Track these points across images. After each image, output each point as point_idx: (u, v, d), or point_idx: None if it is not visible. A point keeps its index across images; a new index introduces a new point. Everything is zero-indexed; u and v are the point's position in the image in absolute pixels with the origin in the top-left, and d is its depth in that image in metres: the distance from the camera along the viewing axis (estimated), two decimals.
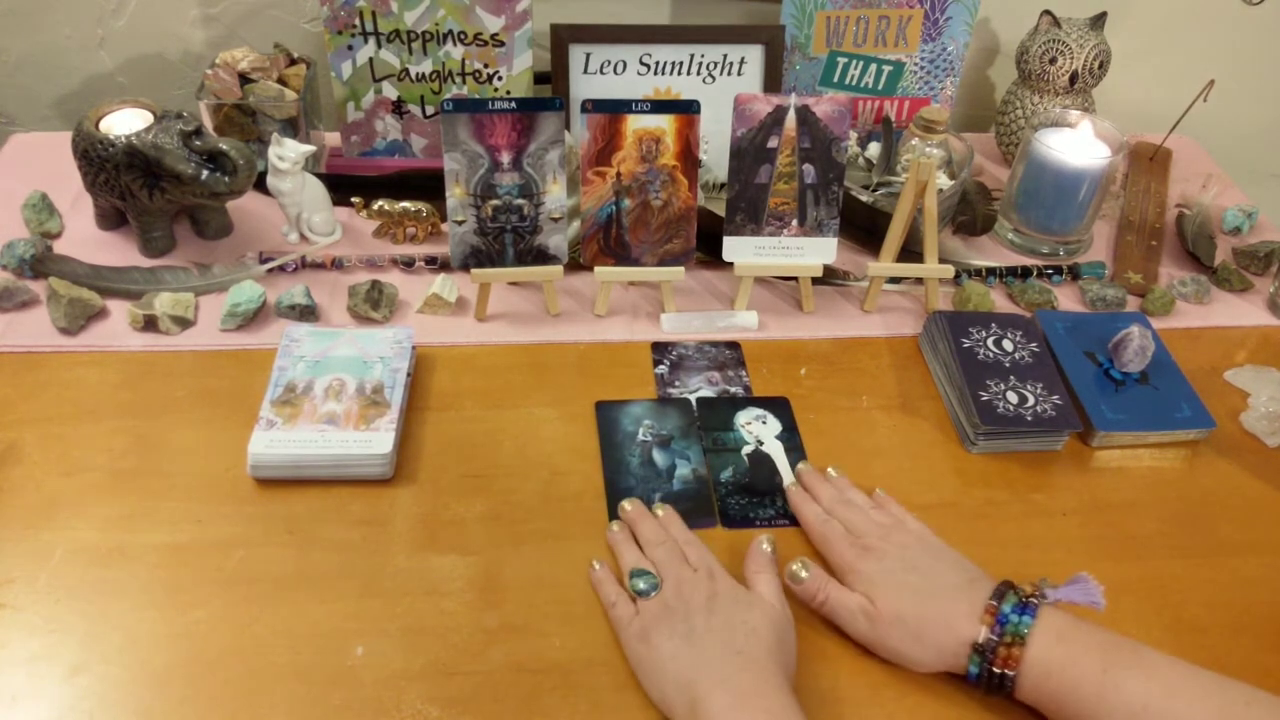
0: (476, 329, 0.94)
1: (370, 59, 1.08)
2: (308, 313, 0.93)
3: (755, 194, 0.93)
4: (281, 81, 1.09)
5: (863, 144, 1.15)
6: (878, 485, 0.82)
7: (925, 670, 0.65)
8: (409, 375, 0.86)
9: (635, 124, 0.90)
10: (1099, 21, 1.14)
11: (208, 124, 1.06)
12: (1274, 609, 0.74)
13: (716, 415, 0.87)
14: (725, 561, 0.75)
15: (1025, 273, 1.04)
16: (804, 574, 0.69)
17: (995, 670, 0.61)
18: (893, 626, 0.65)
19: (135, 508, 0.76)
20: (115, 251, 1.00)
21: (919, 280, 1.01)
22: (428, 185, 1.02)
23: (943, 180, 1.05)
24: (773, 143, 0.91)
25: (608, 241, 0.95)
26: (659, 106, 0.90)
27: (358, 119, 1.12)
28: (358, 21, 1.05)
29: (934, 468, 0.84)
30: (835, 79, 1.17)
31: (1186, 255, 1.10)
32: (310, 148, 0.97)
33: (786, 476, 0.82)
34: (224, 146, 0.91)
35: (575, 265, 0.99)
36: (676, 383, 0.90)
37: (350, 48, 1.07)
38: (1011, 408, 0.85)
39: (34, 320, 0.91)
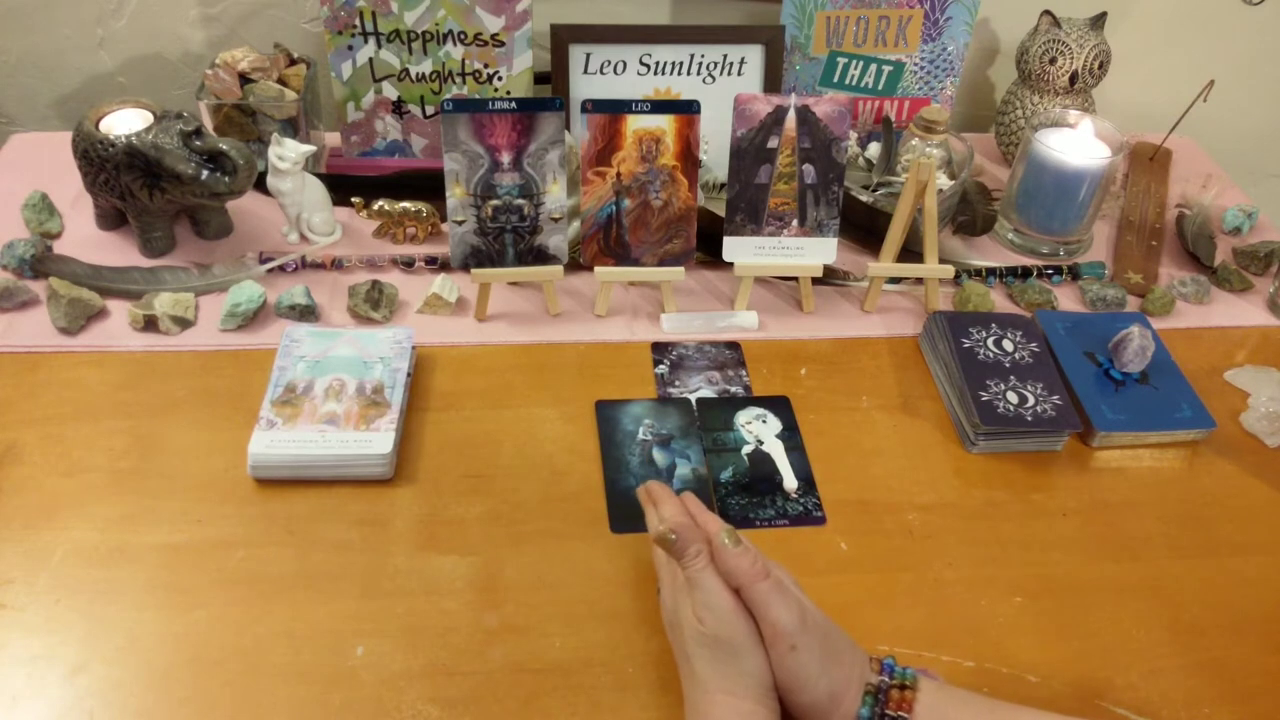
0: (476, 329, 0.94)
1: (370, 59, 1.08)
2: (308, 313, 0.93)
3: (755, 194, 0.93)
4: (281, 81, 1.09)
5: (863, 144, 1.15)
6: (878, 485, 0.82)
7: (809, 701, 0.59)
8: (409, 375, 0.86)
9: (635, 124, 0.90)
10: (1099, 21, 1.14)
11: (208, 124, 1.06)
12: (1274, 609, 0.74)
13: (717, 415, 0.87)
14: None
15: (1025, 273, 1.04)
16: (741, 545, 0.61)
17: (889, 713, 0.57)
18: (816, 637, 0.59)
19: (135, 508, 0.76)
20: (115, 251, 1.00)
21: (919, 280, 1.01)
22: (428, 185, 1.02)
23: (943, 180, 1.05)
24: (773, 143, 0.91)
25: (608, 241, 0.95)
26: (659, 106, 0.90)
27: (358, 119, 1.12)
28: (358, 21, 1.05)
29: (934, 468, 0.84)
30: (835, 79, 1.17)
31: (1186, 255, 1.10)
32: (310, 148, 0.97)
33: (787, 476, 0.82)
34: (224, 146, 0.91)
35: (575, 265, 0.99)
36: (677, 382, 0.90)
37: (350, 48, 1.07)
38: (1011, 408, 0.85)
39: (34, 320, 0.91)
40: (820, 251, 0.95)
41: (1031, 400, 0.86)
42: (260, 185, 0.99)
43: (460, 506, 0.78)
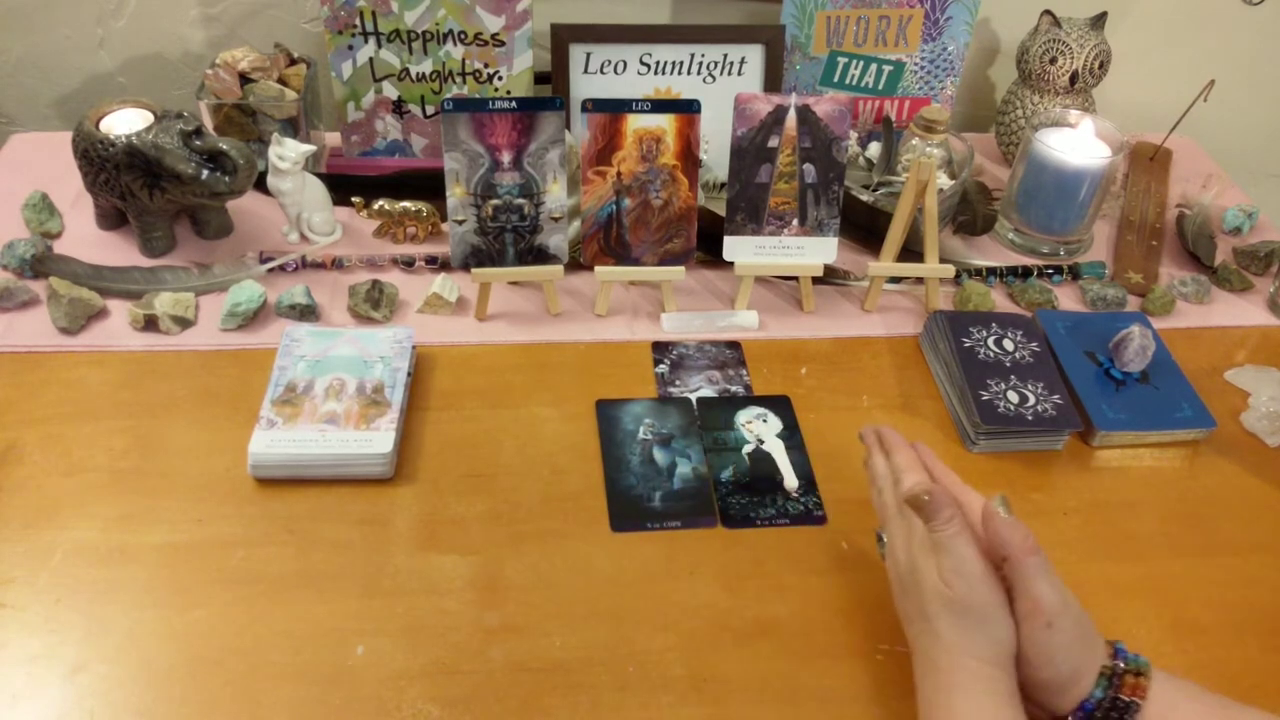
0: (477, 329, 0.94)
1: (370, 59, 1.08)
2: (308, 312, 0.93)
3: (756, 193, 0.93)
4: (281, 81, 1.09)
5: (863, 144, 1.15)
6: None
7: (1049, 677, 0.58)
8: (409, 375, 0.85)
9: (635, 123, 0.90)
10: (1099, 21, 1.14)
11: (208, 124, 1.06)
12: (1274, 609, 0.74)
13: (717, 414, 0.87)
14: (724, 560, 0.75)
15: (1025, 272, 1.04)
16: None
17: (1122, 698, 0.57)
18: (1071, 618, 0.59)
19: (135, 508, 0.76)
20: (115, 251, 1.00)
21: (919, 280, 1.01)
22: (428, 185, 1.02)
23: (943, 180, 1.05)
24: (773, 142, 0.91)
25: (608, 241, 0.95)
26: (659, 106, 0.90)
27: (358, 119, 1.12)
28: (358, 21, 1.05)
29: None
30: (835, 79, 1.17)
31: (1187, 255, 1.10)
32: (310, 147, 0.97)
33: (787, 475, 0.82)
34: (224, 146, 0.91)
35: (575, 265, 0.99)
36: (677, 382, 0.90)
37: (350, 47, 1.07)
38: (1012, 407, 0.85)
39: (34, 320, 0.91)
40: (820, 251, 0.95)
41: (1032, 400, 0.86)
42: (260, 185, 0.99)
43: (460, 506, 0.78)
